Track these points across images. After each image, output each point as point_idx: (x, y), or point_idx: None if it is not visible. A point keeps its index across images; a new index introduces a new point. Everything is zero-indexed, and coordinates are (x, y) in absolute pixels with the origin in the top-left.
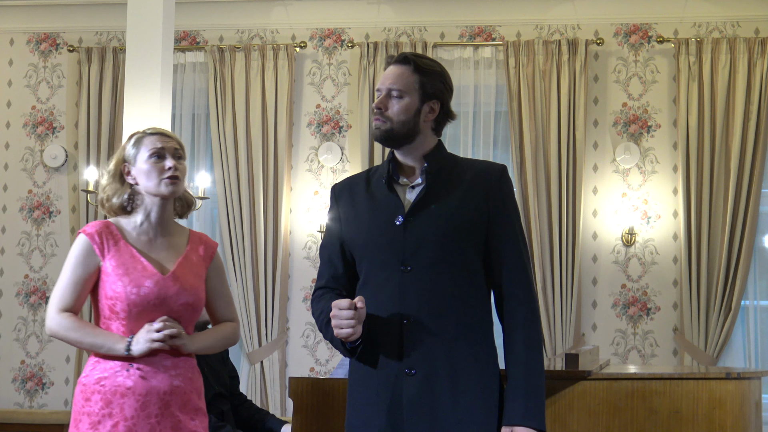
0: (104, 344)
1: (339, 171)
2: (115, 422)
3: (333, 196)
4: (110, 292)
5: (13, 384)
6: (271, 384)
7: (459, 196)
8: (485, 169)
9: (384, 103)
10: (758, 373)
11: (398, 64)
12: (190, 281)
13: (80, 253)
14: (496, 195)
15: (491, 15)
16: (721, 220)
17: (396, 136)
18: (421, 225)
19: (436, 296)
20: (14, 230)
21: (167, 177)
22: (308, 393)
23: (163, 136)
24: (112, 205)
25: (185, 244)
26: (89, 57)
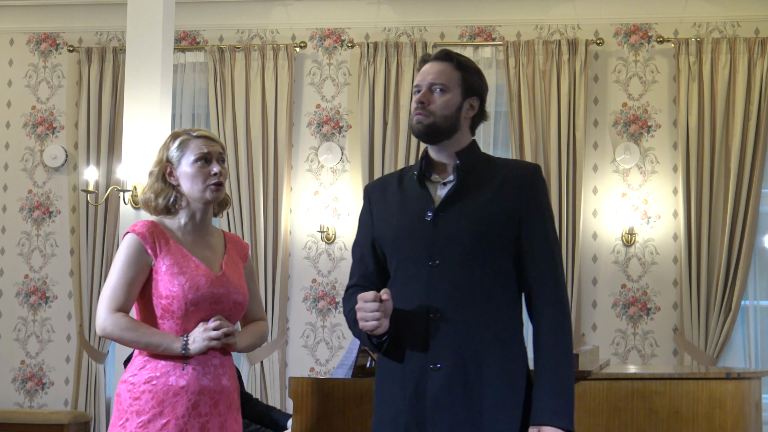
0: (161, 344)
1: (339, 171)
2: (166, 421)
3: (366, 195)
4: (165, 291)
5: (13, 384)
6: (271, 384)
7: (490, 194)
8: (518, 168)
9: (427, 97)
10: (758, 373)
11: (439, 61)
12: (237, 280)
13: (132, 252)
14: (529, 194)
15: (491, 15)
16: (721, 220)
17: (437, 130)
18: (450, 220)
19: (464, 291)
20: (14, 230)
21: (213, 183)
22: (308, 393)
23: (208, 139)
24: (157, 206)
25: (223, 245)
26: (89, 57)
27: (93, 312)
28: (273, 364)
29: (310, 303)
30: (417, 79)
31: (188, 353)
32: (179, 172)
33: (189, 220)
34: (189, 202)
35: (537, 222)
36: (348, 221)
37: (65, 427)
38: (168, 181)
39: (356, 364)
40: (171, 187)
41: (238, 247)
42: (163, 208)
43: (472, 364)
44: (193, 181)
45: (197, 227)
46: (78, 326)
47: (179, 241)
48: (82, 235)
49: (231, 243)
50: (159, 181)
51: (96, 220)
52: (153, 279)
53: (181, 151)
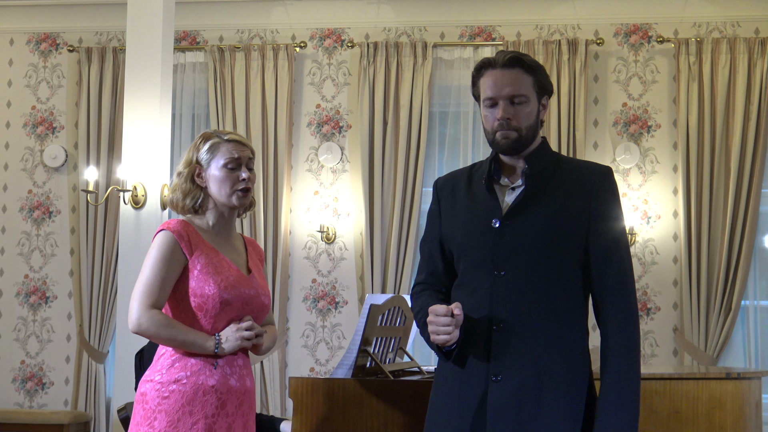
0: (195, 342)
1: (339, 171)
2: (195, 420)
3: (435, 191)
4: (200, 290)
5: (13, 384)
6: (271, 384)
7: (559, 200)
8: (588, 171)
9: (509, 111)
10: (758, 373)
11: (509, 68)
12: (262, 282)
13: (167, 249)
14: (599, 199)
15: (491, 15)
16: (721, 220)
17: (524, 143)
18: (517, 229)
19: (528, 303)
20: (14, 230)
21: (240, 189)
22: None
23: (239, 144)
24: (184, 206)
25: (244, 248)
26: (89, 57)
27: (93, 312)
28: (273, 364)
29: (310, 303)
30: (488, 89)
31: (221, 352)
32: (208, 174)
33: (216, 221)
34: (216, 204)
35: (606, 228)
36: (348, 221)
37: (65, 427)
38: (196, 182)
39: (356, 364)
40: (199, 189)
41: (257, 250)
42: (191, 209)
43: (533, 378)
44: (221, 185)
45: (224, 228)
46: (78, 326)
47: (210, 241)
48: (82, 235)
49: (250, 246)
50: (188, 181)
51: (96, 220)
52: (186, 277)
53: (211, 154)
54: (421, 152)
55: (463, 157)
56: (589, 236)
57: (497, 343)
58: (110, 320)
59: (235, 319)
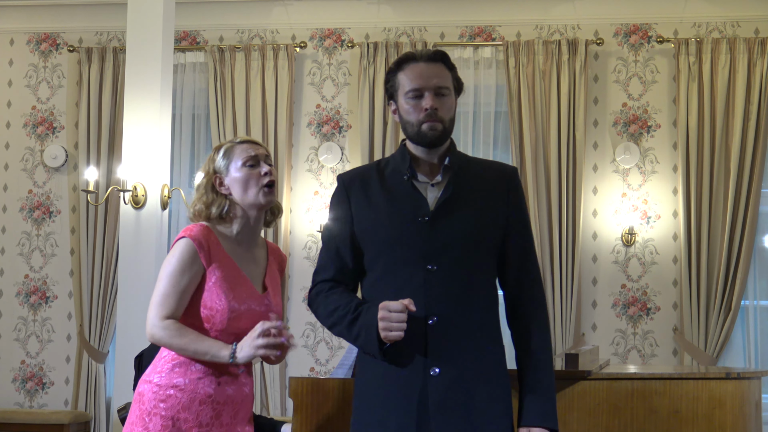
0: (209, 351)
1: (339, 171)
2: (188, 427)
3: (342, 187)
4: (210, 302)
5: (13, 384)
6: (271, 384)
7: (483, 197)
8: (502, 171)
9: (436, 102)
10: (758, 373)
11: (432, 62)
12: (276, 298)
13: (186, 259)
14: (514, 198)
15: (491, 15)
16: (721, 220)
17: (446, 136)
18: (447, 224)
19: (461, 296)
20: (14, 230)
21: (265, 184)
22: (308, 393)
23: (253, 143)
24: (210, 215)
25: (266, 257)
26: (89, 57)
27: (93, 312)
28: None
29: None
30: (413, 80)
31: (236, 361)
32: (229, 179)
33: (242, 228)
34: (243, 211)
35: (522, 226)
36: None
37: (65, 427)
38: (219, 191)
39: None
40: (223, 197)
41: (279, 259)
42: (217, 217)
43: (470, 369)
44: (244, 185)
45: (249, 236)
46: (78, 326)
47: (229, 250)
48: (82, 235)
49: (273, 255)
50: (209, 192)
51: (96, 220)
52: (201, 287)
53: (227, 159)
54: None
55: None
56: (507, 236)
57: (434, 337)
58: (110, 320)
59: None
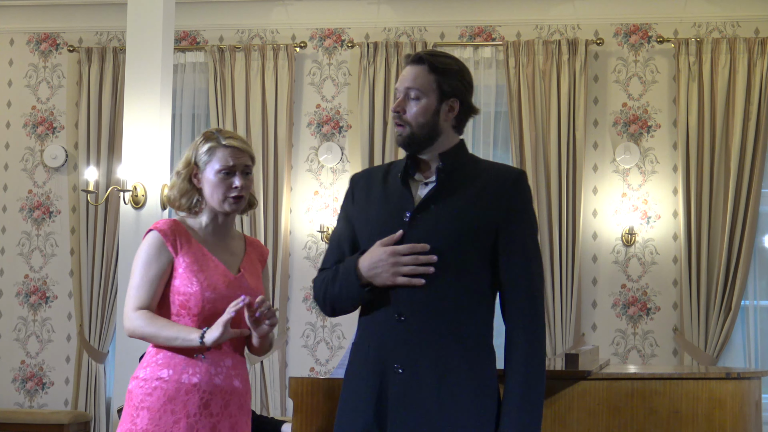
0: (179, 336)
1: (339, 171)
2: (177, 418)
3: (350, 185)
4: (183, 288)
5: (13, 384)
6: (271, 384)
7: (469, 198)
8: (501, 173)
9: (402, 105)
10: (758, 373)
11: (414, 65)
12: (255, 283)
13: (153, 249)
14: (508, 202)
15: (491, 15)
16: (721, 220)
17: (417, 140)
18: (426, 223)
19: (432, 296)
20: (14, 230)
21: (232, 196)
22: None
23: (237, 150)
24: (180, 205)
25: (244, 248)
26: (89, 57)
27: (93, 312)
28: (273, 364)
29: (310, 303)
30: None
31: (204, 343)
32: (203, 176)
33: (210, 221)
34: (209, 205)
35: (515, 230)
36: None
37: (65, 427)
38: (193, 182)
39: None
40: (195, 189)
41: (258, 250)
42: (186, 208)
43: (434, 370)
44: (213, 190)
45: (218, 229)
46: (78, 326)
47: (200, 241)
48: (82, 235)
49: (251, 246)
50: (185, 181)
51: (96, 220)
52: (173, 276)
53: (208, 157)
54: None
55: None
56: (499, 238)
57: (399, 335)
58: (110, 320)
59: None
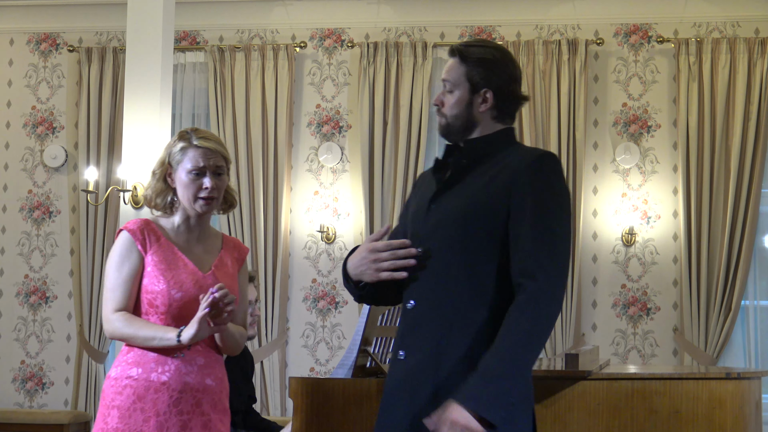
0: (156, 335)
1: (339, 171)
2: (146, 417)
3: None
4: (151, 286)
5: (13, 384)
6: (271, 384)
7: (481, 182)
8: (522, 154)
9: (439, 98)
10: (758, 373)
11: (450, 57)
12: (226, 282)
13: (124, 250)
14: (522, 181)
15: (491, 15)
16: (721, 220)
17: (452, 130)
18: (439, 210)
19: (438, 284)
20: (14, 230)
21: (202, 197)
22: (308, 393)
23: (208, 151)
24: (156, 204)
25: (220, 247)
26: (89, 57)
27: (93, 312)
28: (273, 364)
29: (310, 303)
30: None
31: (181, 342)
32: (176, 176)
33: (183, 221)
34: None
35: (527, 210)
36: (348, 221)
37: (65, 427)
38: (167, 182)
39: (356, 364)
40: (170, 189)
41: (237, 250)
42: (162, 208)
43: (432, 359)
44: (185, 190)
45: (191, 228)
46: (78, 326)
47: (171, 240)
48: (82, 235)
49: (228, 245)
50: (160, 181)
51: (96, 220)
52: (142, 275)
53: (180, 157)
54: (421, 152)
55: None
56: (509, 220)
57: (405, 322)
58: None
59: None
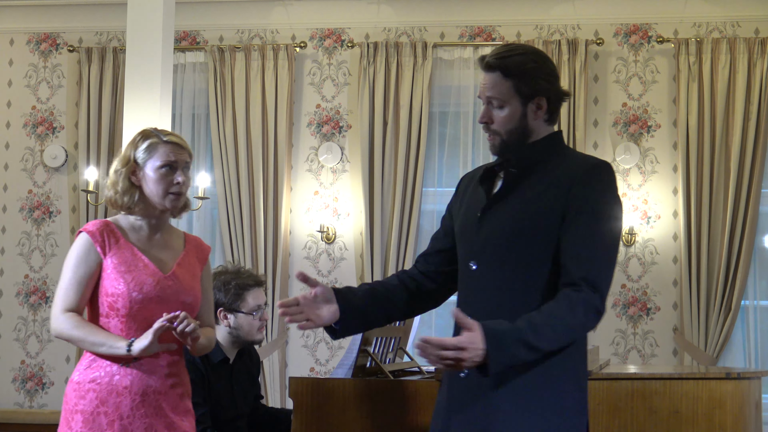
0: (105, 342)
1: (339, 171)
2: (110, 420)
3: (458, 183)
4: (111, 289)
5: (13, 384)
6: (271, 384)
7: (536, 191)
8: (578, 162)
9: (487, 115)
10: (758, 373)
11: (488, 72)
12: (188, 281)
13: (82, 251)
14: (579, 190)
15: (491, 15)
16: (721, 220)
17: (511, 146)
18: (493, 219)
19: (495, 296)
20: (14, 230)
21: (173, 192)
22: (308, 393)
23: (177, 146)
24: (123, 204)
25: (182, 246)
26: (89, 57)
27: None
28: (273, 364)
29: None
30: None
31: (131, 352)
32: (143, 174)
33: (144, 221)
34: (147, 204)
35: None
36: (348, 221)
37: None
38: (132, 180)
39: (356, 364)
40: (135, 187)
41: (199, 249)
42: (127, 207)
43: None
44: (155, 186)
45: (152, 228)
46: None
47: (131, 241)
48: None
49: (191, 245)
50: (125, 179)
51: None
52: (102, 277)
53: (148, 154)
54: (421, 152)
55: (463, 157)
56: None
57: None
58: None
59: (150, 318)
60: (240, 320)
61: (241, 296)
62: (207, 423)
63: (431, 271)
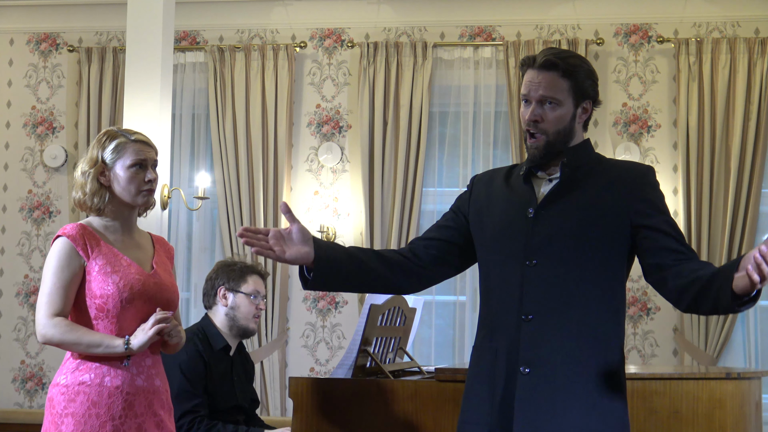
0: (102, 342)
1: (339, 171)
2: (102, 422)
3: (470, 184)
4: (99, 291)
5: (13, 384)
6: (271, 384)
7: (595, 192)
8: (630, 167)
9: (539, 113)
10: (758, 373)
11: (544, 70)
12: (167, 278)
13: (64, 255)
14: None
15: (491, 15)
16: (721, 220)
17: (554, 148)
18: (552, 218)
19: (560, 294)
20: (14, 230)
21: (145, 189)
22: (308, 393)
23: (145, 145)
24: (92, 205)
25: (152, 245)
26: (89, 57)
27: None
28: (273, 364)
29: (310, 303)
30: (524, 87)
31: (130, 349)
32: (112, 174)
33: (115, 221)
34: (117, 204)
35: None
36: (348, 221)
37: None
38: (100, 181)
39: (356, 364)
40: (104, 188)
41: (165, 248)
42: (97, 209)
43: (564, 370)
44: (126, 185)
45: (124, 228)
46: None
47: (109, 242)
48: None
49: (158, 244)
50: (94, 181)
51: None
52: (86, 280)
53: (117, 154)
54: (421, 152)
55: (463, 158)
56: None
57: (526, 335)
58: None
59: (140, 317)
60: (239, 300)
61: (243, 278)
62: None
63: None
